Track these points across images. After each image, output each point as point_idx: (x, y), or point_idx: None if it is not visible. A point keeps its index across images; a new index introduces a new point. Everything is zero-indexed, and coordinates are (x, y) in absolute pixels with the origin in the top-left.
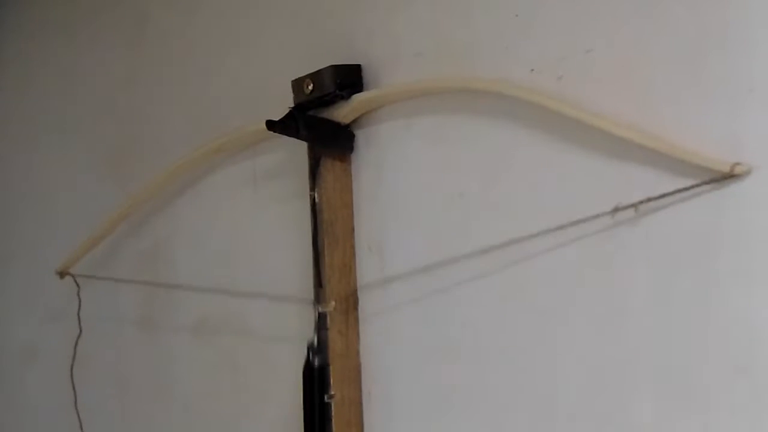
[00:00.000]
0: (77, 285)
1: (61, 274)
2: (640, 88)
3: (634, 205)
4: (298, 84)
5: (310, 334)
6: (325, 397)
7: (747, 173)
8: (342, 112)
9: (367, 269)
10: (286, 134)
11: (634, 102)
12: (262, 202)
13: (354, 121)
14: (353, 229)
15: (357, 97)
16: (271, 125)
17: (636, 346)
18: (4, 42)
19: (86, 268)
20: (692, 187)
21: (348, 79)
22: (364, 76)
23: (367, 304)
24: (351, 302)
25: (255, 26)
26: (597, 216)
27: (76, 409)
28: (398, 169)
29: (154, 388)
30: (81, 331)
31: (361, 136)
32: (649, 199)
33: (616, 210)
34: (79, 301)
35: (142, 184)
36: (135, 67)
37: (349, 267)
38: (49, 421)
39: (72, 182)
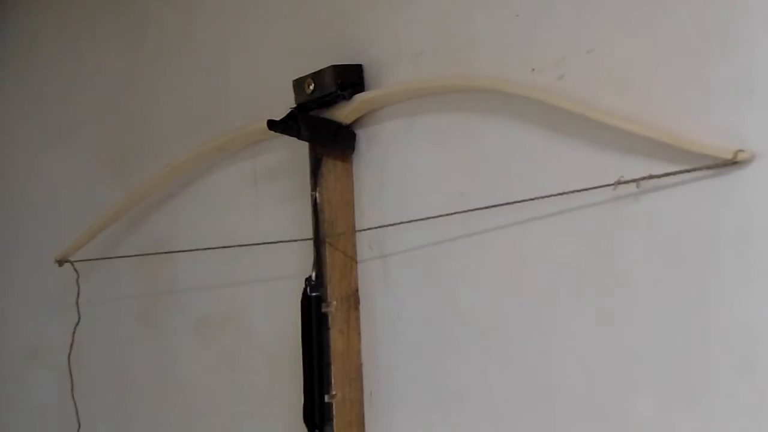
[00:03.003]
0: (76, 272)
1: (60, 262)
2: (640, 88)
3: (636, 181)
4: (299, 84)
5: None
6: (326, 397)
7: (750, 160)
8: (343, 112)
9: (368, 269)
10: (287, 134)
11: (635, 102)
12: (263, 201)
13: (355, 121)
14: (354, 229)
15: (358, 97)
16: (272, 125)
17: (637, 339)
18: (6, 42)
19: (87, 266)
20: (695, 169)
21: (349, 79)
22: (365, 76)
23: (368, 303)
24: (352, 302)
25: (256, 26)
26: (599, 187)
27: (73, 398)
28: (399, 168)
29: (154, 386)
30: (80, 318)
31: (362, 135)
32: (652, 176)
33: (618, 183)
34: (78, 289)
35: (143, 179)
36: (136, 67)
37: (349, 266)
38: (49, 421)
39: (73, 181)
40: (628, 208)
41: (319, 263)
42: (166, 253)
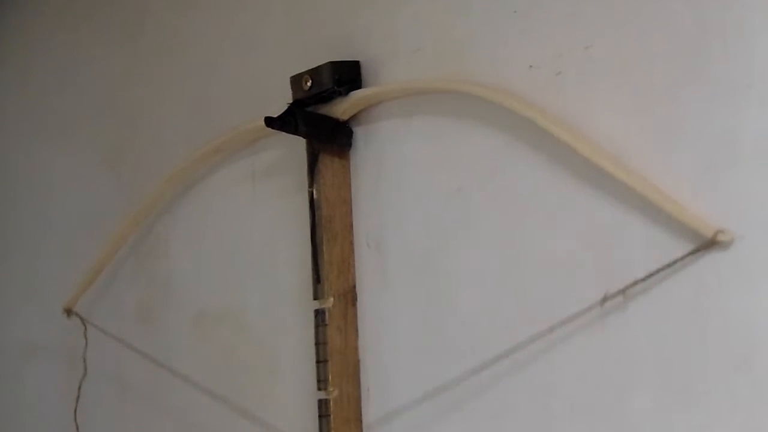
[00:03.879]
0: (84, 325)
1: (68, 312)
2: (638, 85)
3: (621, 291)
4: (296, 80)
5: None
6: (324, 394)
7: (729, 242)
8: (340, 109)
9: (365, 265)
10: (284, 130)
11: (632, 99)
12: (260, 198)
13: (352, 118)
14: (352, 225)
15: (355, 94)
16: (269, 122)
17: (636, 338)
18: (3, 39)
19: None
20: (675, 262)
21: (347, 75)
22: (362, 72)
23: (365, 300)
24: (349, 298)
25: (253, 23)
26: (584, 310)
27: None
28: (397, 165)
29: (153, 384)
30: (86, 371)
31: (359, 132)
32: (635, 282)
33: (605, 299)
34: (86, 342)
35: (140, 193)
36: (133, 64)
37: (347, 263)
38: (49, 421)
39: (71, 180)
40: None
41: (316, 260)
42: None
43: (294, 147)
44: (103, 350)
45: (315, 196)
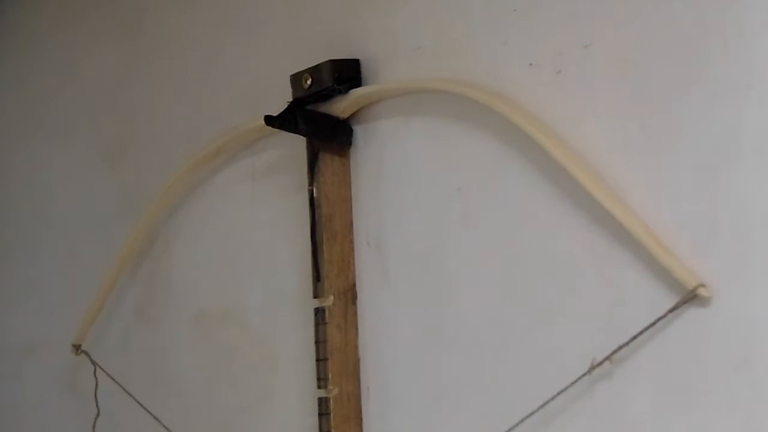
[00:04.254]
0: (93, 365)
1: (76, 349)
2: (638, 84)
3: (608, 358)
4: (296, 79)
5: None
6: (324, 392)
7: (708, 298)
8: (340, 107)
9: (365, 264)
10: (284, 129)
11: (632, 97)
12: (260, 197)
13: (352, 116)
14: (352, 224)
15: (355, 92)
16: (269, 120)
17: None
18: (1, 38)
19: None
20: (657, 320)
21: (346, 73)
22: (362, 70)
23: (365, 298)
24: (349, 297)
25: (253, 21)
26: (574, 381)
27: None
28: (397, 163)
29: (152, 383)
30: (99, 412)
31: (359, 130)
32: (620, 347)
33: (592, 368)
34: (96, 382)
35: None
36: (133, 63)
37: (347, 261)
38: (48, 420)
39: (70, 179)
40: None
41: (316, 258)
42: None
43: (294, 146)
44: (101, 346)
45: (315, 194)
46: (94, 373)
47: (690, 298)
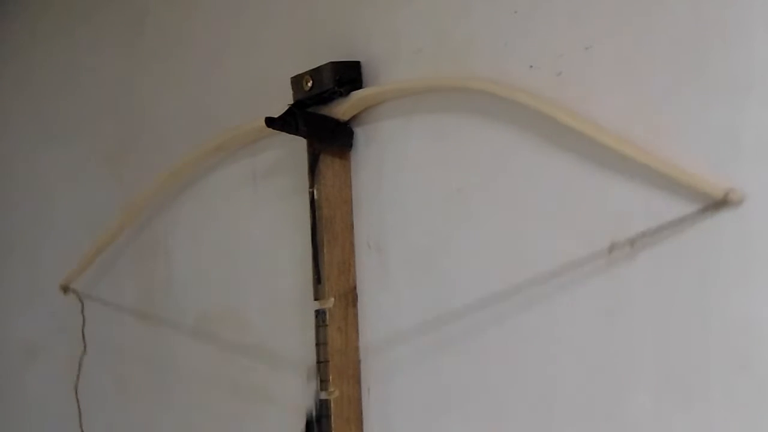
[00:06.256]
0: (81, 301)
1: (65, 289)
2: (639, 85)
3: (630, 241)
4: (297, 81)
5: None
6: (324, 394)
7: (739, 201)
8: (341, 109)
9: (366, 266)
10: (285, 131)
11: (633, 99)
12: (261, 198)
13: (353, 118)
14: (352, 226)
15: (356, 94)
16: (270, 122)
17: (636, 337)
18: (3, 40)
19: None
20: (685, 218)
21: (347, 75)
22: (363, 72)
23: (366, 300)
24: (350, 299)
25: (254, 23)
26: (591, 257)
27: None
28: (397, 165)
29: (153, 384)
30: (85, 348)
31: (360, 132)
32: (644, 234)
33: (612, 248)
34: (83, 319)
35: (141, 189)
36: (134, 65)
37: (348, 263)
38: (49, 420)
39: (72, 180)
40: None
41: (316, 260)
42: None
43: (295, 147)
44: (103, 350)
45: (316, 196)
46: (81, 310)
47: (720, 203)
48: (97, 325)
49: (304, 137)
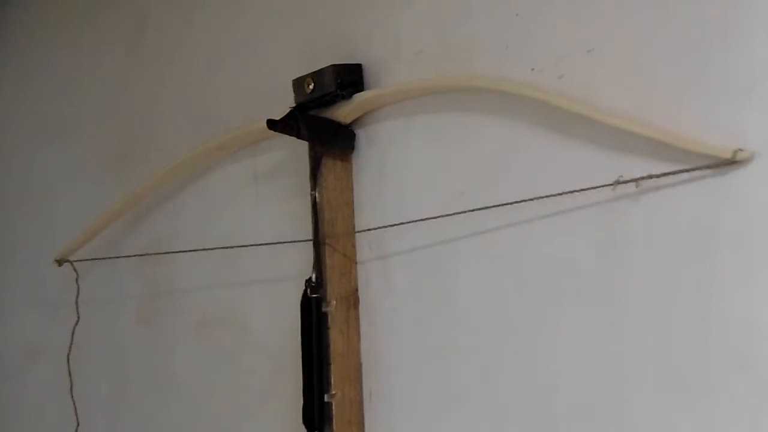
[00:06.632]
0: (75, 272)
1: (59, 262)
2: (641, 87)
3: (635, 180)
4: (299, 83)
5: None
6: (326, 396)
7: (749, 160)
8: (343, 112)
9: (367, 268)
10: (286, 133)
11: (635, 101)
12: (263, 201)
13: (355, 121)
14: (354, 229)
15: (358, 97)
16: (271, 124)
17: (636, 338)
18: (5, 41)
19: (87, 266)
20: (694, 169)
21: (349, 78)
22: (364, 75)
23: (367, 303)
24: (351, 301)
25: (256, 26)
26: (598, 187)
27: (72, 398)
28: (399, 167)
29: (153, 385)
30: (79, 318)
31: (362, 135)
32: (651, 176)
33: (617, 183)
34: (78, 288)
35: (143, 179)
36: (135, 67)
37: (349, 266)
38: (48, 420)
39: (73, 182)
40: (627, 208)
41: (318, 263)
42: (166, 253)
43: (296, 149)
44: (102, 349)
45: (317, 198)
46: (76, 280)
47: (728, 161)
48: (97, 325)
49: (306, 140)
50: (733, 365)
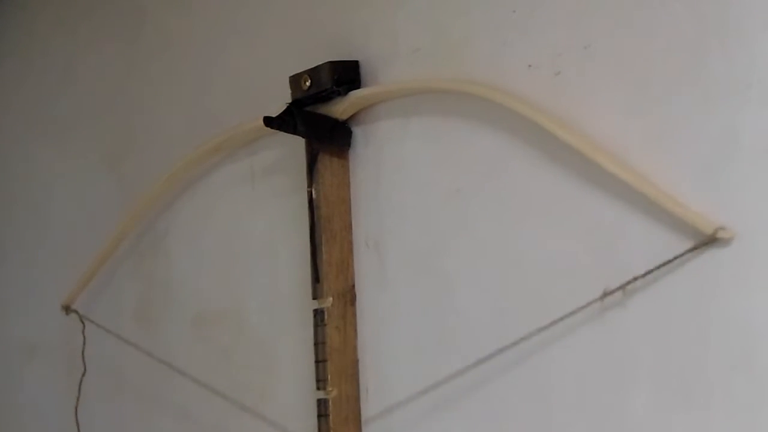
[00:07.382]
0: (82, 323)
1: (66, 310)
2: (637, 85)
3: (621, 287)
4: (295, 80)
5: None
6: (323, 393)
7: (729, 239)
8: (339, 109)
9: (364, 265)
10: (283, 130)
11: (631, 98)
12: (259, 198)
13: (351, 118)
14: (351, 225)
15: (354, 94)
16: (268, 121)
17: (635, 338)
18: (2, 39)
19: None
20: (675, 258)
21: (345, 75)
22: (361, 72)
23: (364, 299)
24: (348, 298)
25: (252, 22)
26: (585, 306)
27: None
28: (396, 165)
29: (153, 384)
30: (85, 370)
31: (358, 132)
32: (635, 278)
33: (604, 295)
34: (84, 340)
35: (139, 191)
36: (133, 64)
37: (346, 263)
38: (48, 420)
39: (71, 180)
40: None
41: (315, 259)
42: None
43: (293, 147)
44: (102, 348)
45: (314, 195)
46: (83, 331)
47: (709, 241)
48: (97, 325)
49: (303, 137)
50: (732, 364)
